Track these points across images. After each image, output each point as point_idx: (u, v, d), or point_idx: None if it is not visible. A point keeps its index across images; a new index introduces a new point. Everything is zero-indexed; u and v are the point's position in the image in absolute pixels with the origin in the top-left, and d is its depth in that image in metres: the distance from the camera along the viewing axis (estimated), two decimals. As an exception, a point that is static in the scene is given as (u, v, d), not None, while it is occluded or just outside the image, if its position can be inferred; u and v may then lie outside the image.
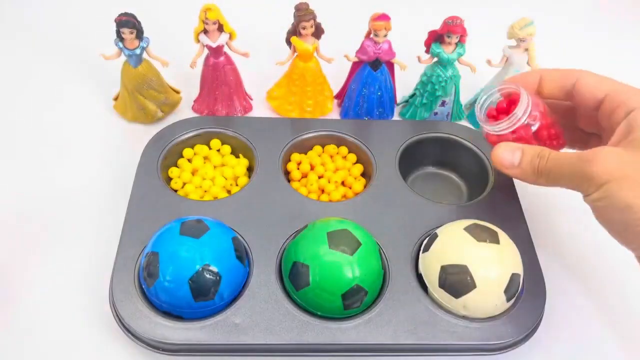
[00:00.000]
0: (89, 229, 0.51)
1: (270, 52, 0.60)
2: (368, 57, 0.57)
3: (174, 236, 0.38)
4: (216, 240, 0.39)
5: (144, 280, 0.39)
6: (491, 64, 0.59)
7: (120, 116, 0.61)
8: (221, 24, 0.54)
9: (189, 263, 0.37)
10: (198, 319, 0.41)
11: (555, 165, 0.38)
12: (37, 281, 0.47)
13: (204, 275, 0.37)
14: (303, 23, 0.55)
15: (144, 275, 0.39)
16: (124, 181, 0.52)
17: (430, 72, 0.59)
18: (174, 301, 0.38)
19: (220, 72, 0.58)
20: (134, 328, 0.41)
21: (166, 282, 0.37)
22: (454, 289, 0.42)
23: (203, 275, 0.37)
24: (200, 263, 0.37)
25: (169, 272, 0.37)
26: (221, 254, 0.39)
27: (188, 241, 0.38)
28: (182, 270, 0.37)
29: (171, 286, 0.37)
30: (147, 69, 0.57)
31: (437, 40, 0.57)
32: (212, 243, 0.39)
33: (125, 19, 0.52)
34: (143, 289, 0.43)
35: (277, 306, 0.43)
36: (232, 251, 0.40)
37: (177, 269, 0.37)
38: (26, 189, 0.54)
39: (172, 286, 0.37)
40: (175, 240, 0.38)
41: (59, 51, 0.70)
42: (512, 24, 0.56)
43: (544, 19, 0.60)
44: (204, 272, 0.37)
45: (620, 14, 0.84)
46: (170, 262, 0.37)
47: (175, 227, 0.39)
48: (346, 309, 0.42)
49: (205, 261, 0.37)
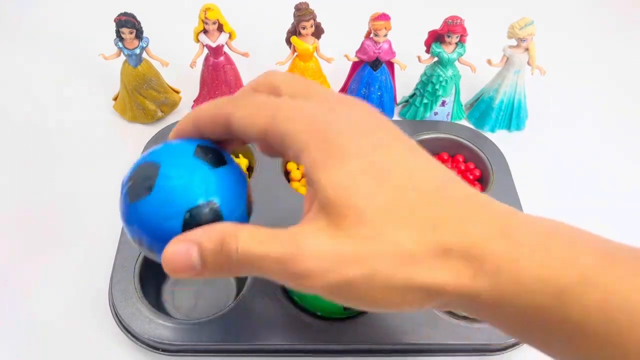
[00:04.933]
0: (88, 228, 0.51)
1: (270, 52, 0.60)
2: (368, 56, 0.57)
3: (186, 156, 0.30)
4: (232, 178, 0.31)
5: (127, 193, 0.30)
6: (491, 63, 0.59)
7: (120, 116, 0.61)
8: (221, 23, 0.54)
9: (194, 191, 0.29)
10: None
11: (246, 260, 0.25)
12: (35, 281, 0.47)
13: (205, 212, 0.28)
14: (303, 23, 0.54)
15: (129, 185, 0.30)
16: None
17: (431, 72, 0.59)
18: (155, 229, 0.29)
19: (220, 72, 0.58)
20: (134, 328, 0.41)
21: (157, 204, 0.28)
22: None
23: (204, 213, 0.28)
24: (206, 197, 0.29)
25: (165, 192, 0.28)
26: (232, 196, 0.30)
27: (202, 167, 0.30)
28: (183, 197, 0.29)
29: (161, 211, 0.28)
30: (146, 69, 0.57)
31: (437, 40, 0.57)
32: (227, 180, 0.30)
33: (124, 18, 0.53)
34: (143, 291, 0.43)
35: (277, 307, 0.43)
36: (245, 198, 0.32)
37: (177, 194, 0.29)
38: (25, 189, 0.54)
39: (163, 212, 0.28)
40: (187, 160, 0.30)
41: (58, 51, 0.69)
42: (513, 23, 0.56)
43: (544, 19, 0.60)
44: (206, 209, 0.28)
45: (621, 14, 0.84)
46: (172, 181, 0.29)
47: (190, 147, 0.30)
48: (346, 309, 0.42)
49: (213, 197, 0.29)
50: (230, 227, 0.26)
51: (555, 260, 0.22)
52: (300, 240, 0.24)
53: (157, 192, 0.29)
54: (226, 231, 0.25)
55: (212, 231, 0.25)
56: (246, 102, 0.27)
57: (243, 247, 0.25)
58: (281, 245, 0.24)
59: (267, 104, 0.26)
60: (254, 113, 0.26)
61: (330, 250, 0.23)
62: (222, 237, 0.25)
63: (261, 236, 0.25)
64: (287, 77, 0.28)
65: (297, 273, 0.23)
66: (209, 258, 0.25)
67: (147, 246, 0.29)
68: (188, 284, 0.48)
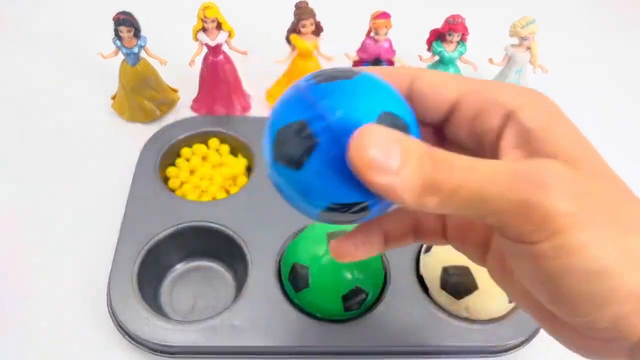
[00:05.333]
0: (86, 229, 0.50)
1: (270, 50, 0.59)
2: (369, 55, 0.57)
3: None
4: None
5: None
6: (493, 62, 0.59)
7: (118, 115, 0.61)
8: (220, 22, 0.54)
9: (374, 104, 0.21)
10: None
11: (469, 182, 0.19)
12: (33, 282, 0.47)
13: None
14: (303, 21, 0.54)
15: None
16: (121, 181, 0.52)
17: (432, 71, 0.59)
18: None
19: (219, 70, 0.57)
20: (132, 330, 0.41)
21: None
22: (455, 291, 0.42)
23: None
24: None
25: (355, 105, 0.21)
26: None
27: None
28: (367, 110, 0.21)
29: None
30: (145, 68, 0.57)
31: (438, 39, 0.56)
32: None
33: (123, 17, 0.52)
34: (141, 291, 0.42)
35: (276, 308, 0.43)
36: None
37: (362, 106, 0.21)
38: (23, 189, 0.54)
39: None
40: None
41: (56, 50, 0.69)
42: (514, 22, 0.55)
43: (545, 18, 0.60)
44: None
45: (622, 14, 0.83)
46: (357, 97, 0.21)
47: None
48: (346, 310, 0.42)
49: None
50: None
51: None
52: (543, 164, 0.20)
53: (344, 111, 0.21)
54: (433, 147, 0.20)
55: (417, 140, 0.20)
56: (435, 71, 0.25)
57: (465, 160, 0.19)
58: (516, 164, 0.20)
59: (462, 76, 0.25)
60: (446, 77, 0.24)
61: (573, 177, 0.20)
62: (432, 148, 0.20)
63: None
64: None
65: (545, 202, 0.19)
66: (412, 159, 0.19)
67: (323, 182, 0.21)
68: (187, 285, 0.48)
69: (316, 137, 0.20)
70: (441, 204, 0.19)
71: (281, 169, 0.21)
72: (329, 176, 0.20)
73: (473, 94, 0.23)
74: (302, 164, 0.20)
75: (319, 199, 0.21)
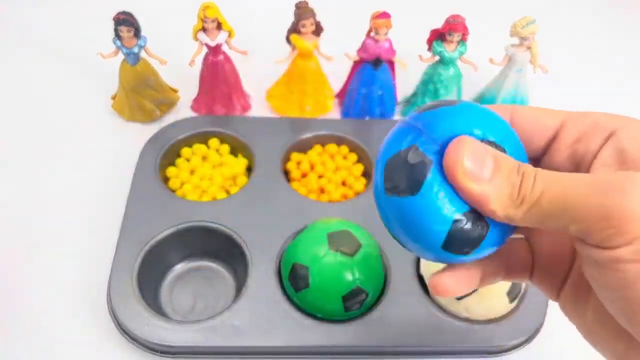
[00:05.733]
0: (86, 229, 0.50)
1: (270, 50, 0.59)
2: (369, 55, 0.57)
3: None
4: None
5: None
6: (493, 62, 0.58)
7: (118, 115, 0.61)
8: (220, 22, 0.54)
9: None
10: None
11: (551, 191, 0.20)
12: (33, 282, 0.47)
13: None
14: (303, 21, 0.54)
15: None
16: (121, 181, 0.52)
17: (432, 71, 0.58)
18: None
19: (219, 70, 0.57)
20: (132, 330, 0.41)
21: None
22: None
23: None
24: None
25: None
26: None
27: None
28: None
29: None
30: (145, 68, 0.57)
31: (439, 39, 0.56)
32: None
33: (123, 17, 0.52)
34: (141, 292, 0.42)
35: (276, 308, 0.43)
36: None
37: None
38: (23, 189, 0.54)
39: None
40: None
41: (56, 50, 0.69)
42: (515, 22, 0.55)
43: (546, 18, 0.60)
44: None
45: (624, 14, 0.83)
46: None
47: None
48: (346, 310, 0.41)
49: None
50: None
51: None
52: (626, 175, 0.20)
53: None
54: (520, 162, 0.22)
55: (506, 155, 0.22)
56: (526, 106, 0.26)
57: (548, 173, 0.21)
58: (598, 176, 0.21)
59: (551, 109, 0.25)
60: (544, 110, 0.25)
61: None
62: (520, 162, 0.22)
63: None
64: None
65: (627, 208, 0.19)
66: (503, 171, 0.21)
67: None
68: (187, 285, 0.48)
69: (428, 157, 0.21)
70: (527, 214, 0.21)
71: (394, 201, 0.21)
72: (447, 192, 0.21)
73: (575, 119, 0.24)
74: (418, 188, 0.21)
75: (440, 222, 0.21)
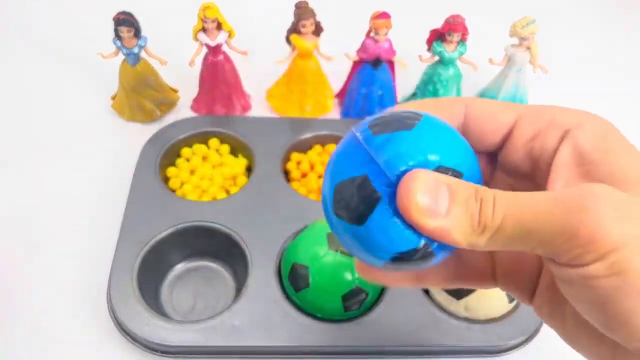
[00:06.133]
0: (86, 229, 0.50)
1: (270, 50, 0.59)
2: (369, 55, 0.57)
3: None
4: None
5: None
6: (493, 62, 0.58)
7: (118, 115, 0.61)
8: (220, 22, 0.54)
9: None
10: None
11: (513, 215, 0.19)
12: (33, 282, 0.47)
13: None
14: (303, 21, 0.54)
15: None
16: (121, 181, 0.52)
17: (432, 71, 0.58)
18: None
19: (219, 70, 0.57)
20: (132, 330, 0.41)
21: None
22: (455, 291, 0.42)
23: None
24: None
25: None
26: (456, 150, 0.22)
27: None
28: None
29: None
30: (145, 68, 0.57)
31: (438, 39, 0.56)
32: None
33: (123, 17, 0.52)
34: (141, 292, 0.43)
35: (276, 308, 0.43)
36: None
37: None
38: (23, 189, 0.54)
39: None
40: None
41: (57, 50, 0.69)
42: (514, 22, 0.55)
43: (546, 18, 0.60)
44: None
45: (623, 14, 0.83)
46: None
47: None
48: (346, 310, 0.42)
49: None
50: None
51: None
52: (589, 188, 0.20)
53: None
54: (478, 186, 0.21)
55: (461, 181, 0.21)
56: (483, 99, 0.25)
57: (507, 195, 0.20)
58: (559, 194, 0.20)
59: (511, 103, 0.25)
60: (499, 103, 0.24)
61: (621, 199, 0.19)
62: (477, 186, 0.20)
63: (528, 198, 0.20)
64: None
65: (591, 226, 0.18)
66: (459, 201, 0.20)
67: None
68: (186, 285, 0.48)
69: (377, 192, 0.20)
70: (490, 241, 0.20)
71: (342, 223, 0.21)
72: (391, 229, 0.20)
73: (531, 115, 0.24)
74: (364, 220, 0.20)
75: (383, 251, 0.21)
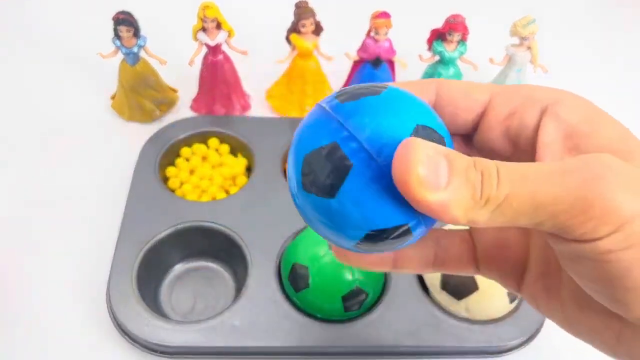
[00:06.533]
0: (86, 229, 0.50)
1: (270, 50, 0.59)
2: (369, 55, 0.57)
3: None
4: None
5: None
6: (493, 62, 0.58)
7: (118, 115, 0.61)
8: (219, 21, 0.54)
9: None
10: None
11: (521, 189, 0.18)
12: (33, 281, 0.47)
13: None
14: (303, 21, 0.54)
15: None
16: (121, 180, 0.52)
17: (432, 70, 0.58)
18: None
19: (219, 70, 0.57)
20: (131, 330, 0.41)
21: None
22: (456, 291, 0.42)
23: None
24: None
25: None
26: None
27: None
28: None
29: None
30: (144, 68, 0.57)
31: (439, 39, 0.56)
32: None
33: (122, 17, 0.52)
34: (141, 292, 0.42)
35: (276, 308, 0.42)
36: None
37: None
38: (23, 189, 0.54)
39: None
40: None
41: (56, 50, 0.69)
42: (515, 22, 0.55)
43: (546, 17, 0.60)
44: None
45: (624, 13, 0.83)
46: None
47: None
48: (346, 311, 0.41)
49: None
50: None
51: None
52: (596, 158, 0.19)
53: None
54: (478, 158, 0.19)
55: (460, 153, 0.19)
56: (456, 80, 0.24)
57: (510, 166, 0.18)
58: (566, 162, 0.19)
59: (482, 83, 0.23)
60: (472, 83, 0.23)
61: (630, 168, 0.18)
62: (477, 158, 0.19)
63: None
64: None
65: (607, 196, 0.17)
66: (459, 171, 0.18)
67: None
68: (186, 285, 0.48)
69: (349, 159, 0.18)
70: (493, 216, 0.18)
71: (311, 198, 0.19)
72: (366, 201, 0.18)
73: (506, 93, 0.22)
74: (336, 191, 0.18)
75: (356, 228, 0.19)
